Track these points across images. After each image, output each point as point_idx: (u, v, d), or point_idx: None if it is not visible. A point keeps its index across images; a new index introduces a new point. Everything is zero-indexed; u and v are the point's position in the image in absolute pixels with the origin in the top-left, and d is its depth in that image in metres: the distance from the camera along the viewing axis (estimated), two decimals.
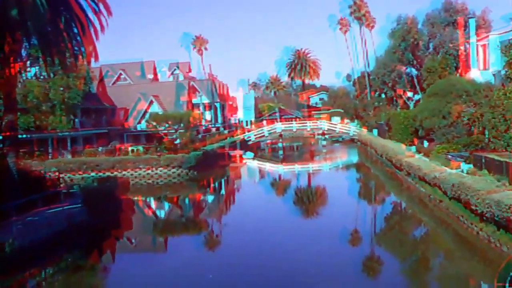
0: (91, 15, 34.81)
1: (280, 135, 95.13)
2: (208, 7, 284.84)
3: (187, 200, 51.06)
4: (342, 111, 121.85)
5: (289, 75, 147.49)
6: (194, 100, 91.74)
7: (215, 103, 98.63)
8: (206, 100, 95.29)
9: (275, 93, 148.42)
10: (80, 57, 37.16)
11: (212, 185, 59.85)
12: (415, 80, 75.13)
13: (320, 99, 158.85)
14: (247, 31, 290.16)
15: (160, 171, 58.42)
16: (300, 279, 22.92)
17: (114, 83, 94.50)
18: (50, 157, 59.58)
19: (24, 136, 55.89)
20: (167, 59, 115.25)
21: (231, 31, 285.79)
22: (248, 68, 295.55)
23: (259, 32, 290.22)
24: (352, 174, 66.42)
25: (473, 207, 25.89)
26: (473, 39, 60.27)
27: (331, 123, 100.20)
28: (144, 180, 57.56)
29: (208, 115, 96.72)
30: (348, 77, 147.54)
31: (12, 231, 25.92)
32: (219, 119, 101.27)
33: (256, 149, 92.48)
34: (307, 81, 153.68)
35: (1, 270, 22.88)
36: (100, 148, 63.06)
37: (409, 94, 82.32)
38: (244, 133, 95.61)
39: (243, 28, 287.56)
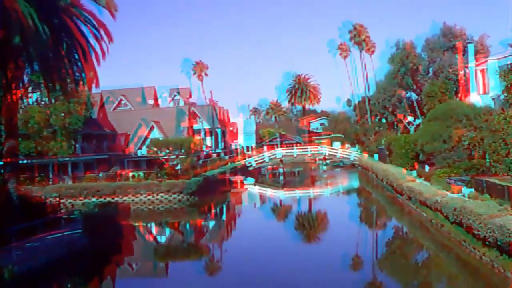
0: (92, 41, 35.16)
1: (281, 161, 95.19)
2: (209, 33, 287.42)
3: (188, 226, 50.86)
4: (343, 136, 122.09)
5: (289, 100, 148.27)
6: (195, 126, 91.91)
7: (216, 129, 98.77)
8: (207, 126, 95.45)
9: (275, 118, 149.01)
10: (81, 83, 37.35)
11: (213, 210, 59.63)
12: (415, 104, 75.43)
13: (321, 124, 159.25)
14: (247, 56, 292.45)
15: (161, 196, 58.23)
16: None
17: (115, 108, 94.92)
18: (50, 182, 59.50)
19: (25, 161, 55.90)
20: (168, 85, 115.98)
21: (232, 57, 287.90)
22: (249, 94, 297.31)
23: (259, 58, 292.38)
24: (353, 199, 66.21)
25: (475, 232, 25.77)
26: (472, 64, 60.66)
27: (332, 148, 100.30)
28: (145, 205, 57.37)
29: (209, 141, 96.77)
30: (349, 102, 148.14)
31: (12, 257, 25.78)
32: (220, 145, 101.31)
33: (257, 174, 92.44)
34: (307, 106, 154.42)
35: None
36: (101, 174, 63.00)
37: (410, 118, 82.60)
38: (245, 158, 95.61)
39: (244, 53, 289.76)
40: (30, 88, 48.33)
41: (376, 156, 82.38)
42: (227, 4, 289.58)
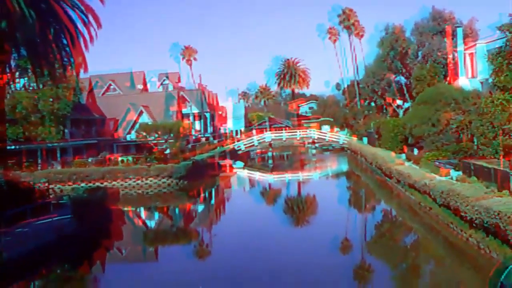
0: (80, 26, 34.92)
1: (270, 144, 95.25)
2: (197, 17, 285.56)
3: (177, 210, 50.96)
4: (332, 120, 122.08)
5: (278, 84, 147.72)
6: (184, 110, 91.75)
7: (205, 113, 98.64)
8: (195, 110, 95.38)
9: (264, 102, 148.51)
10: (70, 67, 37.27)
11: (202, 194, 59.74)
12: (404, 88, 75.68)
13: (310, 108, 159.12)
14: (236, 41, 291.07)
15: (150, 181, 58.23)
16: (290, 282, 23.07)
17: (103, 93, 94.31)
18: (39, 168, 59.27)
19: (13, 147, 55.66)
20: (157, 69, 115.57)
21: (220, 41, 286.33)
22: (238, 78, 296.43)
23: (248, 42, 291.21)
24: (342, 183, 66.52)
25: (463, 214, 26.02)
26: (460, 47, 60.78)
27: (321, 132, 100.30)
28: (134, 190, 57.35)
29: (198, 125, 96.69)
30: (338, 86, 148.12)
31: (1, 242, 25.74)
32: (209, 129, 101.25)
33: (246, 158, 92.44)
34: (296, 90, 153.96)
35: None
36: (90, 159, 62.80)
37: (399, 102, 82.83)
38: (234, 142, 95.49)
39: (232, 38, 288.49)
40: (17, 73, 48.14)
41: (365, 139, 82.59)
42: None
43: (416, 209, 37.25)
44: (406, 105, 77.11)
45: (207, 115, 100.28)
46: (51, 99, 60.20)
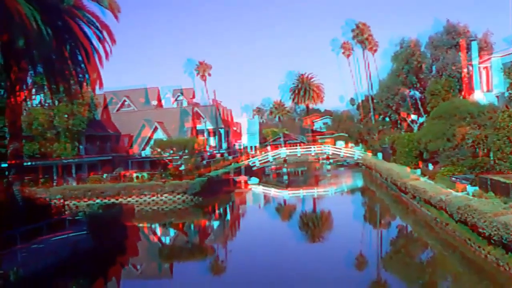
0: (95, 42, 35.17)
1: (285, 160, 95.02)
2: (212, 33, 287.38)
3: (192, 226, 50.90)
4: (346, 135, 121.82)
5: (293, 100, 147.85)
6: (199, 126, 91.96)
7: (220, 129, 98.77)
8: (210, 126, 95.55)
9: (279, 118, 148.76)
10: (85, 84, 37.46)
11: (217, 211, 59.69)
12: (419, 102, 75.31)
13: (324, 123, 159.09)
14: (250, 56, 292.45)
15: (165, 197, 58.28)
16: None
17: (118, 109, 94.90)
18: (55, 184, 59.62)
19: (29, 163, 56.01)
20: (171, 85, 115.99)
21: (235, 57, 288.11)
22: (252, 94, 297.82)
23: (262, 57, 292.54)
24: (357, 198, 66.17)
25: (480, 230, 25.71)
26: (475, 61, 60.60)
27: (336, 148, 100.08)
28: (149, 206, 57.40)
29: (212, 141, 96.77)
30: (352, 100, 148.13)
31: (17, 259, 25.80)
32: (224, 145, 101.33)
33: (261, 174, 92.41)
34: (311, 105, 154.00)
35: None
36: (105, 175, 63.03)
37: (413, 117, 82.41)
38: (249, 158, 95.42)
39: (247, 53, 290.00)
40: (33, 90, 48.54)
41: (379, 155, 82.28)
42: (230, 4, 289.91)
43: (432, 225, 36.88)
44: (421, 120, 76.70)
45: (222, 131, 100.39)
46: (66, 115, 60.69)
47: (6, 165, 36.37)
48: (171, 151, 67.83)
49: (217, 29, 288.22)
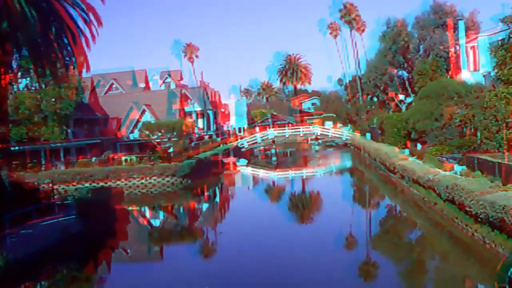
0: (81, 25, 34.75)
1: (273, 141, 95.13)
2: (198, 14, 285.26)
3: (181, 209, 50.98)
4: (334, 115, 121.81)
5: (280, 80, 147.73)
6: (187, 108, 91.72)
7: (208, 111, 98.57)
8: (198, 108, 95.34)
9: (267, 99, 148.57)
10: (72, 67, 37.16)
11: (206, 193, 59.72)
12: (407, 82, 75.39)
13: (312, 104, 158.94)
14: (237, 37, 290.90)
15: (154, 180, 58.25)
16: (298, 281, 23.02)
17: (106, 92, 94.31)
18: (43, 168, 59.34)
19: (17, 148, 55.71)
20: (159, 67, 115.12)
21: (222, 38, 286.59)
22: (240, 75, 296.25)
23: (250, 38, 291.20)
24: (346, 179, 66.44)
25: (468, 209, 25.97)
26: (462, 40, 60.66)
27: (324, 128, 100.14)
28: (138, 189, 57.36)
29: (200, 123, 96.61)
30: (340, 81, 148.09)
31: (6, 244, 25.79)
32: (212, 127, 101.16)
33: (249, 155, 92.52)
34: (298, 86, 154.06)
35: None
36: (93, 159, 62.75)
37: (401, 96, 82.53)
38: (237, 140, 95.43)
39: (234, 35, 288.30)
40: (19, 73, 48.04)
41: (368, 135, 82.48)
42: None
43: (420, 204, 37.17)
44: (409, 99, 76.84)
45: (210, 112, 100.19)
46: (53, 99, 60.18)
47: None
48: (160, 134, 67.80)
49: (205, 10, 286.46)
